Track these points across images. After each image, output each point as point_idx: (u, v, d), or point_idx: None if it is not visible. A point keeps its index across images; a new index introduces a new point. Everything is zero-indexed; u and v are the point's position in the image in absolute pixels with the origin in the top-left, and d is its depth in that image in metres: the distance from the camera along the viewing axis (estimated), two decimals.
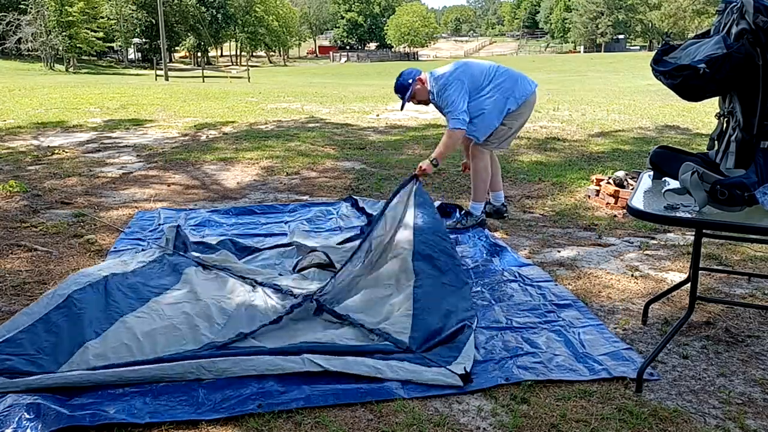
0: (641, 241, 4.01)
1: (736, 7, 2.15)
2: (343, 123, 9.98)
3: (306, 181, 5.81)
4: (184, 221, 4.38)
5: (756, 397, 2.25)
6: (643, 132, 8.63)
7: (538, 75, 32.74)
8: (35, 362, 2.30)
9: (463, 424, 2.09)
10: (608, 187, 4.77)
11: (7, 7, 38.23)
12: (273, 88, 20.73)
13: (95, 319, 2.57)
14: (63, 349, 2.39)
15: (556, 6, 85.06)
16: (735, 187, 2.00)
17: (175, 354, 2.40)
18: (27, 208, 4.75)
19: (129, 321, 2.61)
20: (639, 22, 69.46)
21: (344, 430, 2.05)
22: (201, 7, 56.95)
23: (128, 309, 2.69)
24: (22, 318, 2.55)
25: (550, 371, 2.38)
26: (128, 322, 2.60)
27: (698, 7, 51.34)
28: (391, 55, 77.04)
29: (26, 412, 2.06)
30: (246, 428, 2.05)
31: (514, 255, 3.67)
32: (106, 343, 2.44)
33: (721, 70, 2.09)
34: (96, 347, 2.41)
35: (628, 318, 2.88)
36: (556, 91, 17.35)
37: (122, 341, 2.46)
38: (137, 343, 2.47)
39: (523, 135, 8.28)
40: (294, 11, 78.57)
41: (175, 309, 2.74)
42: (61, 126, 9.52)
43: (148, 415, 2.08)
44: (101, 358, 2.37)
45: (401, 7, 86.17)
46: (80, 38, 38.89)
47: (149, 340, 2.49)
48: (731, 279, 3.36)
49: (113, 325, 2.56)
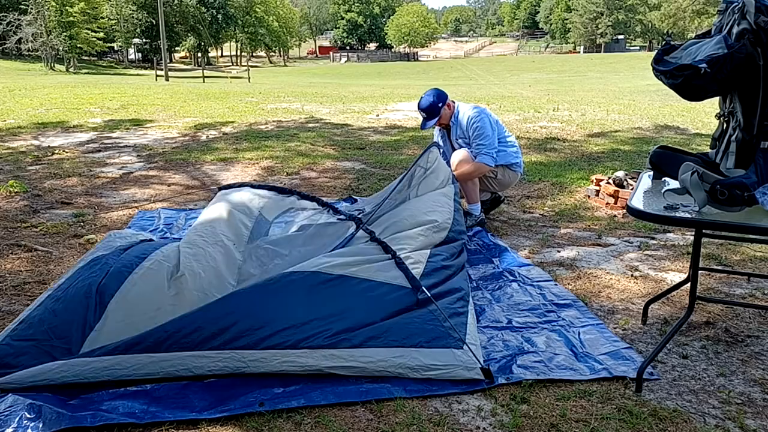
0: (641, 241, 4.01)
1: (737, 7, 2.15)
2: (343, 123, 9.98)
3: (306, 181, 5.81)
4: (184, 221, 4.38)
5: (755, 397, 2.25)
6: (642, 132, 8.63)
7: (538, 75, 32.84)
8: (48, 352, 2.26)
9: (463, 423, 2.09)
10: (608, 187, 4.77)
11: (7, 7, 38.23)
12: (273, 88, 20.73)
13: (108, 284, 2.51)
14: (75, 332, 2.33)
15: (556, 6, 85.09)
16: (735, 187, 2.00)
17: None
18: (27, 208, 4.75)
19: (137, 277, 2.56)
20: (639, 23, 69.48)
21: (344, 429, 2.05)
22: (201, 7, 56.97)
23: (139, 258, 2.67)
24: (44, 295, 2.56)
25: (551, 371, 2.38)
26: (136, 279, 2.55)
27: (698, 8, 51.31)
28: (391, 56, 77.03)
29: (27, 412, 2.06)
30: (246, 428, 2.05)
31: (514, 255, 3.67)
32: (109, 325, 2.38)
33: (722, 70, 2.09)
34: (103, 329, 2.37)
35: (628, 318, 2.88)
36: (556, 91, 17.36)
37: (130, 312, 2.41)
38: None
39: (523, 135, 8.29)
40: (294, 11, 78.64)
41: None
42: (62, 126, 9.52)
43: (148, 415, 2.08)
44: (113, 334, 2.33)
45: (401, 8, 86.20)
46: (81, 38, 38.90)
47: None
48: (731, 279, 3.36)
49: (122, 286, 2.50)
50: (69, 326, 2.34)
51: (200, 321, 2.33)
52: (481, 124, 4.16)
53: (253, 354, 2.27)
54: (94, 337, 2.33)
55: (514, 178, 4.43)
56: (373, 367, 2.30)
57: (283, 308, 2.42)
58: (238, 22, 63.64)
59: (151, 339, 2.27)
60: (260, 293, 2.49)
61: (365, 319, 2.44)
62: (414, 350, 2.34)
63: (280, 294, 2.48)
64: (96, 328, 2.35)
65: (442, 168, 3.69)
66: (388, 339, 2.37)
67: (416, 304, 2.55)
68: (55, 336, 2.31)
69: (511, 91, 17.84)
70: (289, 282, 2.53)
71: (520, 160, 4.42)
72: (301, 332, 2.33)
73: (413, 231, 3.07)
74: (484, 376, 2.29)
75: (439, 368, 2.30)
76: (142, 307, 2.43)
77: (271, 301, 2.45)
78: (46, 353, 2.26)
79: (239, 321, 2.33)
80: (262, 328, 2.32)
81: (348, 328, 2.38)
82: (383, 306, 2.51)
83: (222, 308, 2.40)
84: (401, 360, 2.31)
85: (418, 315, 2.50)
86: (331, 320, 2.40)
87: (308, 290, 2.51)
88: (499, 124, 4.34)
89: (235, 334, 2.30)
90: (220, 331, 2.29)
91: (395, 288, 2.60)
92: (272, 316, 2.37)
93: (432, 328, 2.44)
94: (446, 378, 2.29)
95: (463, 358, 2.34)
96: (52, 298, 2.49)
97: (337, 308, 2.46)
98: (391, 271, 2.67)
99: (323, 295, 2.51)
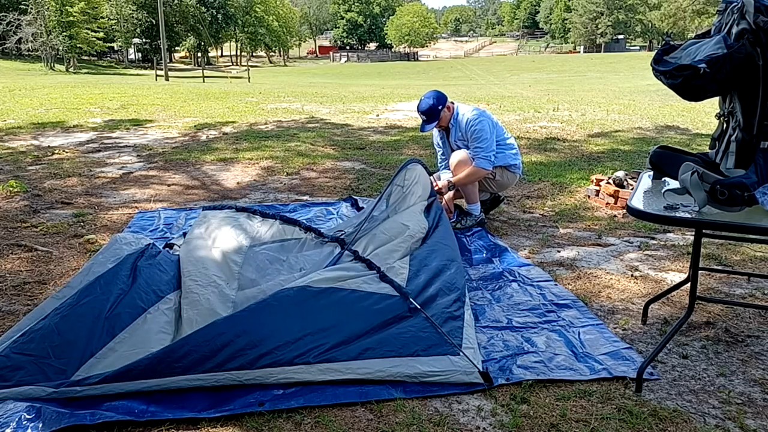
0: (641, 241, 4.01)
1: (736, 7, 2.15)
2: (342, 123, 9.98)
3: (306, 181, 5.81)
4: (184, 221, 4.38)
5: (756, 397, 2.25)
6: (642, 132, 8.63)
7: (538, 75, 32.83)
8: (43, 370, 2.24)
9: (463, 423, 2.09)
10: (608, 187, 4.77)
11: (7, 7, 38.24)
12: (273, 88, 20.73)
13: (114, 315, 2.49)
14: (75, 355, 2.31)
15: (556, 6, 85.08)
16: (735, 187, 2.00)
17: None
18: (27, 208, 4.75)
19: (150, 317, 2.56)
20: (639, 23, 69.47)
21: (344, 429, 2.05)
22: (201, 7, 56.97)
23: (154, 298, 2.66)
24: (50, 302, 2.52)
25: (551, 371, 2.38)
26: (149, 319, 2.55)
27: (698, 8, 51.31)
28: (391, 56, 77.03)
29: (26, 412, 2.06)
30: (246, 428, 2.05)
31: (514, 255, 3.67)
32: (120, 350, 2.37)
33: (722, 70, 2.09)
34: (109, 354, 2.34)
35: (628, 318, 2.88)
36: (556, 91, 17.36)
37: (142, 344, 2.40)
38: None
39: (522, 135, 8.29)
40: (294, 11, 78.62)
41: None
42: (61, 126, 9.52)
43: (148, 414, 2.08)
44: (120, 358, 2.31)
45: (401, 8, 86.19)
46: (80, 38, 38.91)
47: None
48: (731, 279, 3.36)
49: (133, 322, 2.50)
50: (70, 347, 2.32)
51: (192, 343, 2.29)
52: (479, 126, 4.14)
53: (249, 373, 2.25)
54: (93, 363, 2.29)
55: (513, 179, 4.42)
56: (371, 377, 2.30)
57: (275, 325, 2.40)
58: (237, 21, 63.64)
59: (142, 365, 2.23)
60: (252, 312, 2.47)
61: (359, 329, 2.44)
62: (411, 359, 2.35)
63: (272, 311, 2.47)
64: (97, 355, 2.33)
65: (421, 184, 3.68)
66: (384, 350, 2.37)
67: (409, 311, 2.56)
68: (54, 355, 2.28)
69: (511, 91, 17.84)
70: (281, 298, 2.53)
71: (519, 162, 4.41)
72: (296, 348, 2.32)
73: (392, 244, 3.13)
74: (483, 380, 2.29)
75: (437, 374, 2.31)
76: (145, 346, 2.40)
77: (264, 319, 2.43)
78: (41, 371, 2.23)
79: (233, 341, 2.30)
80: (256, 347, 2.30)
81: (343, 341, 2.39)
82: (375, 315, 2.52)
83: (215, 329, 2.36)
84: (399, 369, 2.32)
85: (412, 324, 2.50)
86: (325, 334, 2.39)
87: (299, 305, 2.51)
88: (498, 125, 4.33)
89: (230, 355, 2.27)
90: (212, 353, 2.26)
91: (384, 297, 2.61)
92: (266, 333, 2.35)
93: (427, 335, 2.44)
94: (446, 382, 2.30)
95: (461, 363, 2.34)
96: (59, 314, 2.44)
97: (330, 321, 2.46)
98: (379, 283, 2.71)
99: (315, 308, 2.51)
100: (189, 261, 2.96)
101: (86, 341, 2.35)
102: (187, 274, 2.87)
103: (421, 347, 2.40)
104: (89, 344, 2.35)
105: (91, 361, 2.31)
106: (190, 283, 2.81)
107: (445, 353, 2.38)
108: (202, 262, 2.96)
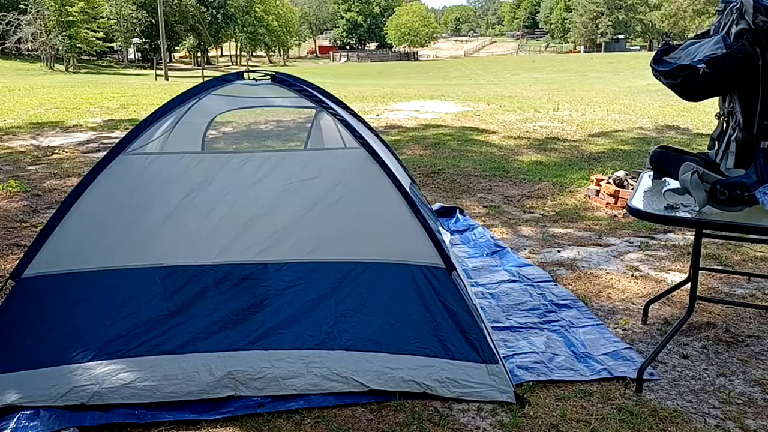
0: (641, 241, 4.01)
1: (735, 7, 2.15)
2: None
3: None
4: None
5: (756, 397, 2.25)
6: (642, 132, 8.63)
7: (538, 75, 32.77)
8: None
9: (463, 423, 2.08)
10: (608, 187, 4.77)
11: (7, 7, 38.21)
12: None
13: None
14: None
15: (556, 6, 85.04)
16: (735, 187, 2.00)
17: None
18: (27, 208, 4.74)
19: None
20: (639, 22, 69.44)
21: (344, 429, 2.05)
22: (201, 7, 56.92)
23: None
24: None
25: (551, 371, 2.38)
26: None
27: (698, 7, 51.29)
28: (391, 55, 76.97)
29: (26, 412, 2.06)
30: (246, 428, 2.05)
31: (514, 255, 3.67)
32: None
33: (721, 70, 2.09)
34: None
35: (628, 318, 2.88)
36: (556, 91, 17.36)
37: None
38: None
39: (523, 135, 8.29)
40: (294, 11, 78.55)
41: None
42: (61, 126, 9.51)
43: (148, 415, 2.08)
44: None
45: (401, 7, 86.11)
46: (80, 38, 38.87)
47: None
48: (731, 279, 3.36)
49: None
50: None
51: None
52: None
53: (278, 354, 2.20)
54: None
55: None
56: (401, 375, 2.18)
57: (305, 305, 2.30)
58: (237, 21, 63.59)
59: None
60: (281, 291, 2.33)
61: (390, 315, 2.28)
62: (443, 361, 2.21)
63: (305, 290, 2.33)
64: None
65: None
66: (415, 346, 2.23)
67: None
68: None
69: (511, 91, 17.82)
70: (314, 275, 2.35)
71: None
72: (325, 331, 2.24)
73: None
74: (516, 401, 2.16)
75: (470, 386, 2.18)
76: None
77: (294, 299, 2.31)
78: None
79: (266, 318, 2.26)
80: (287, 327, 2.25)
81: (374, 330, 2.26)
82: (408, 295, 2.32)
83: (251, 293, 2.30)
84: (429, 371, 2.20)
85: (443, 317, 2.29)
86: (355, 317, 2.27)
87: (332, 286, 2.34)
88: None
89: (263, 333, 2.24)
90: (249, 331, 2.23)
91: (421, 268, 2.35)
92: (295, 315, 2.27)
93: (462, 337, 2.26)
94: (475, 399, 2.17)
95: (497, 379, 2.19)
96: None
97: (359, 302, 2.30)
98: (420, 239, 2.38)
99: (346, 290, 2.33)
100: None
101: None
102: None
103: (455, 348, 2.22)
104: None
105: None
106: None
107: (480, 360, 2.21)
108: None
